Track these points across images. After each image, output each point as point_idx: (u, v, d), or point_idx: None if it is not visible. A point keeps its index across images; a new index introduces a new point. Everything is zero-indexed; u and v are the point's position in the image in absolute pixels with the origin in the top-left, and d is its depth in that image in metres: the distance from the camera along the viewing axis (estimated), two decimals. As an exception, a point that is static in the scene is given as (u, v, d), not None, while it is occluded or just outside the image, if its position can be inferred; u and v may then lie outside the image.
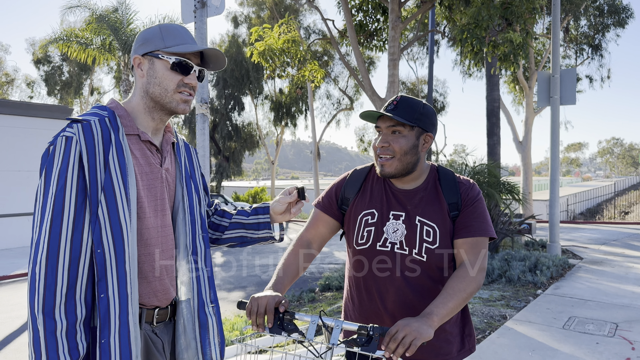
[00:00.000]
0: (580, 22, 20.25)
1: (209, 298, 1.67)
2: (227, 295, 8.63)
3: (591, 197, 31.29)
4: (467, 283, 1.69)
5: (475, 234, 1.80)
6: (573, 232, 14.75)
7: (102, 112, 1.50)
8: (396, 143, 1.79)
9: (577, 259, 9.77)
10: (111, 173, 1.42)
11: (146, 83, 1.56)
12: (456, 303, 1.64)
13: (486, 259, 1.80)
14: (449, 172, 1.92)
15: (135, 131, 1.54)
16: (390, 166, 1.81)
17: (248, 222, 1.85)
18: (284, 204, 1.82)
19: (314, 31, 27.05)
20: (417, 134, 1.82)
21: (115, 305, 1.39)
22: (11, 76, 35.63)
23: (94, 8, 16.49)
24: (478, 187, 1.90)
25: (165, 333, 1.62)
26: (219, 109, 29.74)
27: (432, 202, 1.85)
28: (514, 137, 17.84)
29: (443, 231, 1.81)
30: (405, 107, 1.79)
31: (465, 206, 1.83)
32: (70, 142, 1.39)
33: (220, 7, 2.84)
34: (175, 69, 1.55)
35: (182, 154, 1.72)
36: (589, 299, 6.49)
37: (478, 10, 7.92)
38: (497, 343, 4.84)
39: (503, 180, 10.06)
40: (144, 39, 1.57)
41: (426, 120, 1.82)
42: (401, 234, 1.82)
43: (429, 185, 1.89)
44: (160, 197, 1.58)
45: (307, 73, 10.79)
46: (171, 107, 1.58)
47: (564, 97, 9.83)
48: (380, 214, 1.86)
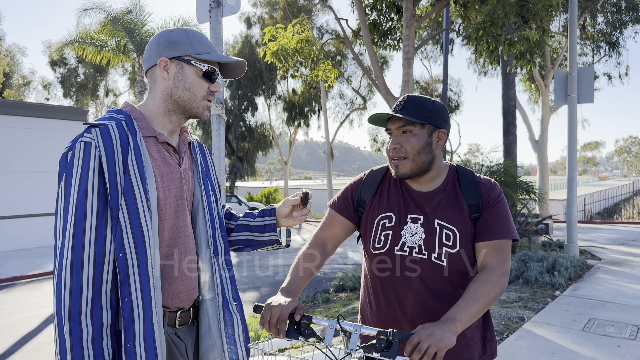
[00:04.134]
0: (597, 19, 19.97)
1: (232, 296, 1.67)
2: (241, 296, 8.64)
3: (609, 196, 30.85)
4: (490, 287, 1.62)
5: (497, 236, 1.73)
6: (591, 232, 14.53)
7: (118, 116, 1.49)
8: (408, 143, 1.74)
9: (596, 259, 9.61)
10: (131, 177, 1.41)
11: (172, 87, 1.55)
12: (479, 308, 1.56)
13: (509, 261, 1.72)
14: (468, 172, 1.85)
15: (152, 133, 1.54)
16: (404, 167, 1.76)
17: (254, 224, 1.84)
18: (288, 206, 1.79)
19: (327, 31, 27.01)
20: (429, 132, 1.76)
21: (139, 309, 1.38)
22: (28, 78, 36.12)
23: (108, 10, 16.64)
24: (499, 187, 1.83)
25: (189, 336, 1.61)
26: (233, 109, 29.86)
27: (452, 204, 1.79)
28: (530, 136, 17.65)
29: (463, 234, 1.75)
30: (413, 106, 1.74)
31: (486, 207, 1.77)
32: (89, 148, 1.39)
33: (235, 7, 2.81)
34: (205, 77, 1.57)
35: (197, 154, 1.72)
36: (608, 301, 6.37)
37: (494, 8, 7.82)
38: (516, 345, 4.77)
39: (520, 180, 9.94)
40: (169, 42, 1.55)
41: (437, 117, 1.76)
42: (419, 238, 1.76)
43: (447, 186, 1.82)
44: (180, 197, 1.57)
45: (320, 73, 10.76)
46: (197, 113, 1.59)
47: (582, 95, 9.68)
48: (398, 217, 1.81)
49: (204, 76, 1.56)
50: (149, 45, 1.60)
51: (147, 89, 1.58)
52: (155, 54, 1.55)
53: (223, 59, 1.58)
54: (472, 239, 1.77)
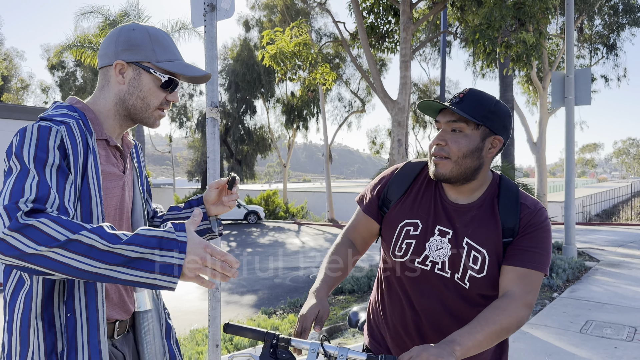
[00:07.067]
0: (595, 21, 20.05)
1: (162, 303, 1.66)
2: (239, 299, 8.62)
3: (607, 198, 30.88)
4: (504, 316, 1.39)
5: (529, 265, 1.49)
6: (589, 234, 14.54)
7: (73, 114, 1.37)
8: (455, 143, 1.49)
9: (594, 261, 9.62)
10: (89, 182, 1.32)
11: (126, 92, 1.44)
12: (486, 335, 1.34)
13: (536, 295, 1.48)
14: (512, 188, 1.59)
15: (104, 136, 1.43)
16: (444, 167, 1.51)
17: (182, 216, 1.71)
18: (213, 189, 1.66)
19: (325, 34, 27.09)
20: (483, 135, 1.51)
21: (82, 325, 1.30)
22: (26, 82, 36.14)
23: (107, 14, 16.69)
24: (546, 212, 1.57)
25: (125, 344, 1.54)
26: (231, 112, 29.89)
27: (486, 223, 1.55)
28: (528, 138, 17.67)
29: (493, 258, 1.52)
30: (472, 102, 1.49)
31: (523, 233, 1.52)
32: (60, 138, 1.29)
33: (230, 11, 2.82)
34: (163, 87, 1.46)
35: (134, 157, 1.63)
36: (606, 302, 6.38)
37: (490, 11, 7.84)
38: (513, 347, 4.77)
39: (517, 182, 9.95)
40: (129, 43, 1.42)
41: (496, 120, 1.51)
42: (445, 254, 1.55)
43: (485, 201, 1.58)
44: (120, 206, 1.49)
45: (318, 76, 10.78)
46: (148, 122, 1.49)
47: (579, 98, 9.71)
48: (425, 226, 1.59)
49: (162, 86, 1.45)
50: (106, 40, 1.46)
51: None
52: (112, 54, 1.42)
53: (186, 71, 1.46)
54: (501, 262, 1.55)
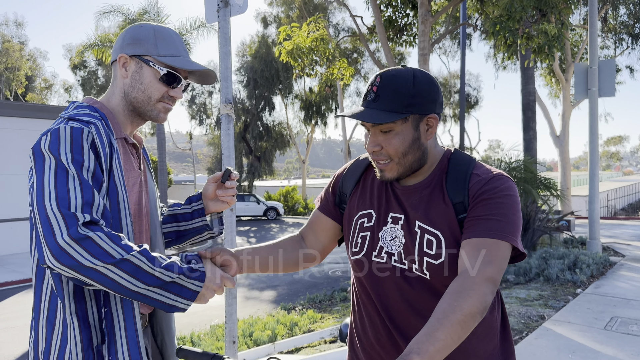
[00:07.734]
0: (619, 10, 19.57)
1: None
2: (259, 295, 8.67)
3: (633, 191, 30.25)
4: (464, 299, 1.16)
5: (483, 233, 1.27)
6: (614, 228, 14.25)
7: (95, 114, 1.40)
8: (389, 145, 1.35)
9: (619, 256, 9.42)
10: (115, 180, 1.34)
11: (129, 86, 1.47)
12: (448, 331, 1.10)
13: (498, 268, 1.24)
14: (463, 161, 1.41)
15: (122, 134, 1.47)
16: (390, 170, 1.39)
17: (181, 212, 1.72)
18: (210, 183, 1.67)
19: (343, 29, 27.00)
20: (415, 124, 1.35)
21: (119, 319, 1.34)
22: (50, 82, 36.85)
23: (126, 13, 16.87)
24: (508, 181, 1.36)
25: (146, 337, 1.57)
26: (250, 109, 30.02)
27: (436, 202, 1.38)
28: (551, 131, 17.40)
29: (450, 240, 1.33)
30: (388, 94, 1.32)
31: (475, 202, 1.32)
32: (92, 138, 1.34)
33: (243, 6, 2.81)
34: (164, 81, 1.47)
35: (144, 153, 1.64)
36: (632, 299, 6.24)
37: (511, 2, 7.70)
38: (535, 344, 4.69)
39: (540, 176, 9.80)
40: (134, 38, 1.46)
41: (422, 101, 1.33)
42: (399, 243, 1.39)
43: (434, 179, 1.42)
44: (138, 202, 1.51)
45: (335, 71, 10.74)
46: (151, 116, 1.50)
47: (603, 89, 9.51)
48: (378, 215, 1.46)
49: (162, 80, 1.47)
50: (118, 37, 1.52)
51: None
52: (118, 49, 1.47)
53: (186, 65, 1.47)
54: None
